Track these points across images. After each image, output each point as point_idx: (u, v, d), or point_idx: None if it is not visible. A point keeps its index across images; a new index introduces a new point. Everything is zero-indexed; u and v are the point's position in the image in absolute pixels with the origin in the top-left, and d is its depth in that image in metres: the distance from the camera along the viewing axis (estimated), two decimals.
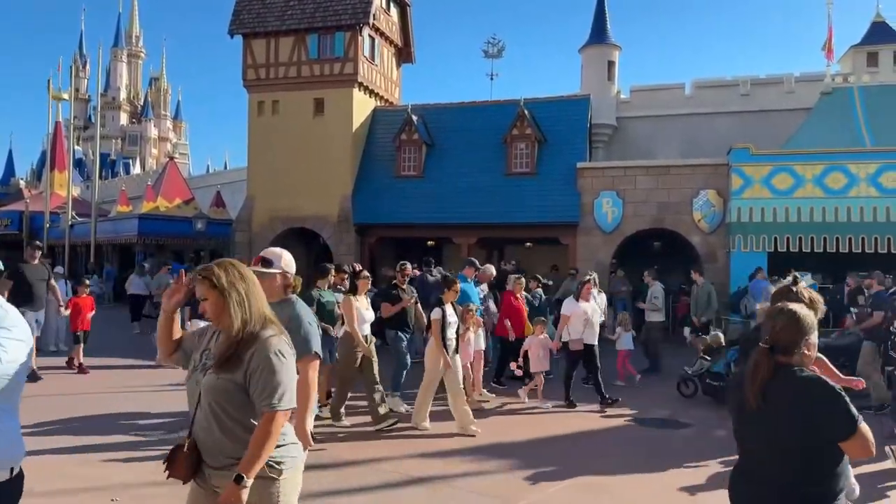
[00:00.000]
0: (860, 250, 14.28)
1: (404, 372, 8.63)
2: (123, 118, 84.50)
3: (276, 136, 19.78)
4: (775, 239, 14.91)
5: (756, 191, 15.30)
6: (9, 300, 2.60)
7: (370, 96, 20.53)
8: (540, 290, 11.81)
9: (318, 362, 3.69)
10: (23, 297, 9.25)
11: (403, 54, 22.68)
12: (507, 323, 9.97)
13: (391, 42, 21.69)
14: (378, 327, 8.70)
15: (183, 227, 22.57)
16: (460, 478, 5.92)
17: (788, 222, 14.92)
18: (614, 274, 16.40)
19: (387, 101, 21.41)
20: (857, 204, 14.56)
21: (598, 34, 22.18)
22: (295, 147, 19.51)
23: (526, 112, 18.12)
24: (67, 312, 11.04)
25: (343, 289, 8.50)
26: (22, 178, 56.36)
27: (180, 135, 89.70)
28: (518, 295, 10.29)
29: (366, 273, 8.36)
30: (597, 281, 10.59)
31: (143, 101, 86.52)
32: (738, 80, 21.16)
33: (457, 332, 7.82)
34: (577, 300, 9.23)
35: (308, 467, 6.01)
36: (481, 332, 9.58)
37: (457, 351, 7.72)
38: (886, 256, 14.35)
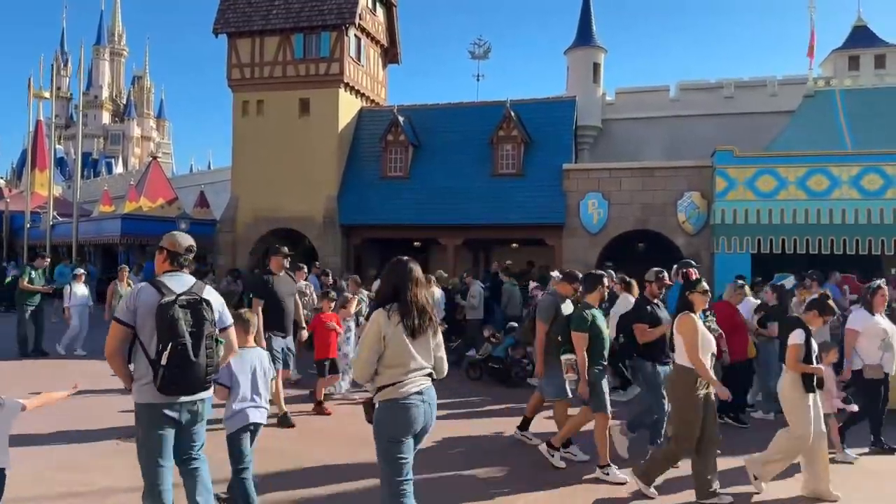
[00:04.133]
0: (842, 252, 14.44)
1: (663, 419, 6.43)
2: (106, 117, 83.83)
3: (261, 136, 19.67)
4: (759, 240, 15.05)
5: (740, 193, 15.43)
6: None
7: (356, 97, 20.46)
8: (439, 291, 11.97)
9: None
10: (273, 320, 7.50)
11: (389, 55, 22.64)
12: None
13: (377, 42, 21.64)
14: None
15: (166, 228, 22.06)
16: (450, 480, 5.90)
17: (772, 224, 15.05)
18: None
19: (373, 101, 21.36)
20: (839, 206, 14.73)
21: (584, 36, 22.29)
22: (280, 147, 19.41)
23: (512, 113, 18.14)
24: (306, 336, 8.41)
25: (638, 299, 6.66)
26: (2, 178, 55.61)
27: (163, 134, 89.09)
28: (738, 307, 8.30)
29: (704, 286, 5.57)
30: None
31: (125, 99, 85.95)
32: (722, 82, 21.37)
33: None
34: (871, 312, 6.83)
35: (294, 469, 5.97)
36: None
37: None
38: (867, 258, 14.54)
